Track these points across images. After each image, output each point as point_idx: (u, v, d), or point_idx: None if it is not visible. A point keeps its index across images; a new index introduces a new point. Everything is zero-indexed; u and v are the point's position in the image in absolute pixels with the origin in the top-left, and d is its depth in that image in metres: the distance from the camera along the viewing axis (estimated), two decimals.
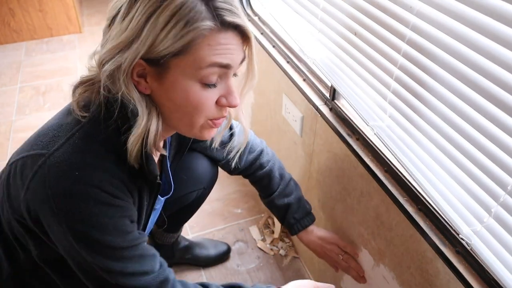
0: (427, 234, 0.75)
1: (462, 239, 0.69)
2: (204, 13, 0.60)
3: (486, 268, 0.66)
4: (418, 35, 0.68)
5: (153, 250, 0.78)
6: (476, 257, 0.67)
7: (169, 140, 0.94)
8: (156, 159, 0.89)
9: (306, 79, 1.17)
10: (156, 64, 0.63)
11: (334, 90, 1.02)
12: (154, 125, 0.66)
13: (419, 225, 0.77)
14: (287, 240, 1.55)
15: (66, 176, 0.64)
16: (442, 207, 0.71)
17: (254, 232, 1.57)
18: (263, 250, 1.51)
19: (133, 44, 0.61)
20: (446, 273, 0.73)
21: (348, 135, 0.97)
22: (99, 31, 0.69)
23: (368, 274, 1.03)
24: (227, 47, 0.64)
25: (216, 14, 0.61)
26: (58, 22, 2.88)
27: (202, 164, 1.17)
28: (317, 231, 1.11)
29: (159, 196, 0.93)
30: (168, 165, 0.96)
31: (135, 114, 0.65)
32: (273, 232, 1.57)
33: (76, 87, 0.70)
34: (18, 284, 0.83)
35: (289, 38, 1.20)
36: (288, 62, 1.26)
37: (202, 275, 1.42)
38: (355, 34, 0.86)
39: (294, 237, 1.50)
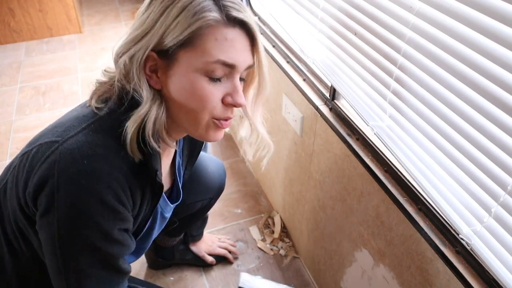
0: (427, 234, 0.75)
1: (462, 239, 0.69)
2: (211, 6, 0.64)
3: (486, 268, 0.66)
4: (418, 35, 0.68)
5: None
6: (476, 257, 0.67)
7: (181, 147, 0.95)
8: (167, 162, 0.90)
9: (306, 79, 1.17)
10: (166, 56, 0.66)
11: (334, 90, 1.02)
12: (154, 111, 0.68)
13: (419, 225, 0.77)
14: (287, 240, 1.55)
15: (76, 163, 0.65)
16: (442, 207, 0.71)
17: (254, 232, 1.57)
18: (263, 250, 1.51)
19: (147, 35, 0.65)
20: (446, 273, 0.73)
21: (348, 135, 0.97)
22: (99, 31, 0.71)
23: (368, 274, 1.03)
24: (233, 45, 0.66)
25: (222, 8, 0.65)
26: (58, 22, 2.88)
27: (211, 175, 1.18)
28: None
29: (169, 202, 0.94)
30: (182, 174, 0.98)
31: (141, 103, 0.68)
32: (273, 232, 1.57)
33: (98, 84, 0.74)
34: (20, 277, 0.83)
35: (289, 38, 1.20)
36: (288, 62, 1.26)
37: (202, 275, 1.42)
38: (355, 34, 0.86)
39: (295, 237, 1.50)
